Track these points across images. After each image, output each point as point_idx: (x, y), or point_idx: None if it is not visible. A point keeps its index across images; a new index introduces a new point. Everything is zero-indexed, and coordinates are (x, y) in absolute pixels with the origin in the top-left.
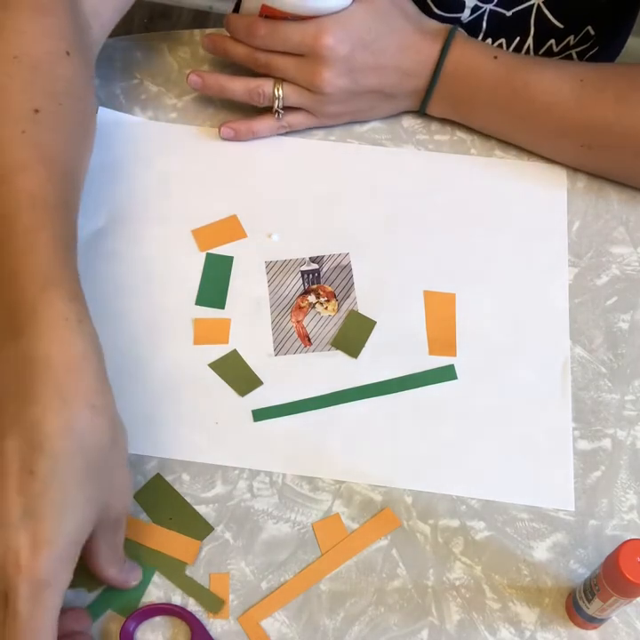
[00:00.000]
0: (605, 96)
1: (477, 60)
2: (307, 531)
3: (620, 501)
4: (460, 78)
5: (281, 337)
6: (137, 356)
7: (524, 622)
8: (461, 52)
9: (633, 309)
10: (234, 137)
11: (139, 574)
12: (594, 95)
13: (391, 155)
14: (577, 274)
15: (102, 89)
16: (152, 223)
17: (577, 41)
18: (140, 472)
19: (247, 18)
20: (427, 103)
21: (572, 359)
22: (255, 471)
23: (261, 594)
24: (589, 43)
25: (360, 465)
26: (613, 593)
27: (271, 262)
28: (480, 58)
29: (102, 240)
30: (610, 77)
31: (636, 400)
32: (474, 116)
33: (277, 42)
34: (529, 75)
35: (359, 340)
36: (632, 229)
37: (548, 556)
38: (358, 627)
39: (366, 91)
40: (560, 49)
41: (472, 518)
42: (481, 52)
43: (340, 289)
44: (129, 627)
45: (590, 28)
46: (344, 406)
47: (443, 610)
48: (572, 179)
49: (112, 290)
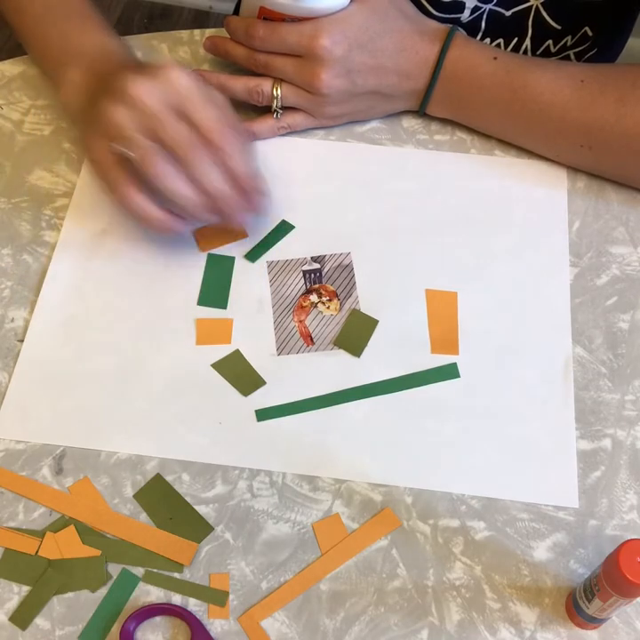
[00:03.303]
0: (606, 97)
1: (476, 61)
2: (307, 531)
3: (620, 501)
4: (459, 79)
5: (283, 337)
6: (139, 357)
7: (524, 622)
8: (460, 53)
9: (633, 309)
10: None
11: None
12: (594, 96)
13: (392, 154)
14: (577, 274)
15: None
16: None
17: (574, 42)
18: (140, 472)
19: (246, 20)
20: (426, 104)
21: (572, 359)
22: (255, 471)
23: (261, 594)
24: (587, 44)
25: (362, 463)
26: (613, 593)
27: (273, 262)
28: (479, 59)
29: (103, 241)
30: (610, 78)
31: (635, 400)
32: (474, 117)
33: (275, 43)
34: (528, 75)
35: (362, 338)
36: (632, 229)
37: (548, 555)
38: (358, 627)
39: (364, 92)
40: (557, 49)
41: (472, 518)
42: (480, 52)
43: (342, 288)
44: (129, 626)
45: (588, 29)
46: (346, 405)
47: (443, 610)
48: (572, 179)
49: (113, 290)
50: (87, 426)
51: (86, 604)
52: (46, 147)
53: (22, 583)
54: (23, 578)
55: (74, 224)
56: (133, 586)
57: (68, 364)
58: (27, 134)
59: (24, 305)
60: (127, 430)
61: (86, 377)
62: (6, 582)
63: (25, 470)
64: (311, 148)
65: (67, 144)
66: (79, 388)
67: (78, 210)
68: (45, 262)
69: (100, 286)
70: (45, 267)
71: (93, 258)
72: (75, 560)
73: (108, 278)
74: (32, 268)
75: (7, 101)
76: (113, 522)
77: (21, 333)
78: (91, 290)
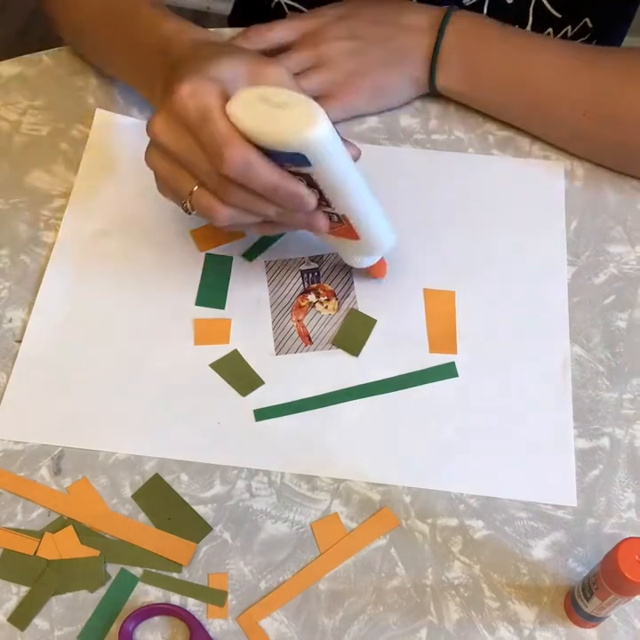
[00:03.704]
0: (610, 70)
1: (481, 26)
2: (305, 530)
3: (618, 500)
4: (467, 34)
5: (282, 336)
6: (137, 357)
7: (523, 621)
8: (465, 14)
9: (631, 308)
10: None
11: None
12: (599, 67)
13: (389, 153)
14: (575, 273)
15: (100, 89)
16: (151, 224)
17: (574, 33)
18: (138, 472)
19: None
20: (435, 66)
21: (570, 358)
22: (254, 471)
23: (260, 593)
24: (587, 36)
25: (361, 463)
26: (612, 591)
27: (271, 262)
28: (483, 25)
29: (102, 241)
30: (617, 55)
31: (633, 399)
32: (479, 85)
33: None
34: (534, 43)
35: (360, 338)
36: (630, 228)
37: (546, 554)
38: (357, 626)
39: (371, 42)
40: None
41: (470, 517)
42: (483, 19)
43: (340, 288)
44: (128, 626)
45: (588, 20)
46: (345, 404)
47: (442, 609)
48: (569, 178)
49: (111, 291)
50: (85, 426)
51: (85, 604)
52: (44, 147)
53: (21, 584)
54: (22, 578)
55: (71, 224)
56: (132, 586)
57: (65, 364)
58: (24, 135)
59: (22, 305)
60: (125, 430)
61: (84, 377)
62: (5, 583)
63: (23, 471)
64: None
65: (64, 144)
66: (77, 389)
67: (76, 210)
68: (43, 263)
69: (97, 287)
70: (43, 267)
71: (91, 258)
72: (73, 560)
73: (106, 279)
74: (30, 269)
75: (4, 102)
76: (111, 522)
77: (19, 334)
78: (88, 290)
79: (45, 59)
